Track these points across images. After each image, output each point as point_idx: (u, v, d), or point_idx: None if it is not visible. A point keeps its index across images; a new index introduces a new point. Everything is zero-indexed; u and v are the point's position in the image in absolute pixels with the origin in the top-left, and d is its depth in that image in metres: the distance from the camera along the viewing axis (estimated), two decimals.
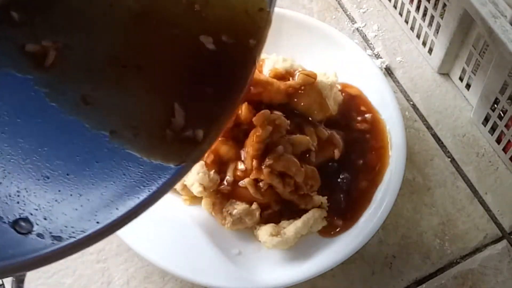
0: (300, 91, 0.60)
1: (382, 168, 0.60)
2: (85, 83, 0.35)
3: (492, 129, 0.65)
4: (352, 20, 0.76)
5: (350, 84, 0.65)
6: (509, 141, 0.63)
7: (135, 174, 0.35)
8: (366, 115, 0.63)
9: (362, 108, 0.64)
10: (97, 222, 0.34)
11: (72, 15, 0.36)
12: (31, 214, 0.33)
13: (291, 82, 0.60)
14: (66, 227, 0.33)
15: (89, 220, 0.34)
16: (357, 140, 0.62)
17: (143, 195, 0.35)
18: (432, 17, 0.67)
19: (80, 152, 0.35)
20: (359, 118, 0.63)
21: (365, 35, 0.75)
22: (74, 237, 0.32)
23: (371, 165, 0.60)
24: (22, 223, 0.32)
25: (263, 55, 0.64)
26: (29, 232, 0.32)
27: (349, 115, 0.63)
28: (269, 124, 0.56)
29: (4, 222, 0.32)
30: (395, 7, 0.74)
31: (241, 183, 0.58)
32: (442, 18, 0.65)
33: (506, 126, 0.62)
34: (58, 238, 0.32)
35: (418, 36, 0.72)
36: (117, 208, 0.34)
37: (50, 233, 0.32)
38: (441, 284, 0.60)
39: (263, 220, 0.58)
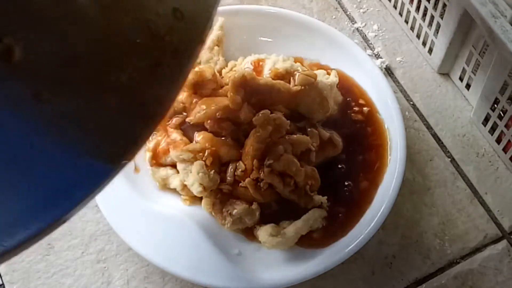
0: (300, 92, 0.60)
1: (381, 167, 0.60)
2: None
3: (492, 129, 0.65)
4: (352, 20, 0.76)
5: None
6: (509, 141, 0.63)
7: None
8: (364, 108, 0.63)
9: (361, 101, 0.64)
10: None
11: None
12: None
13: (291, 86, 0.60)
14: None
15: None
16: (356, 133, 0.62)
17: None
18: (432, 17, 0.67)
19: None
20: (355, 109, 0.63)
21: (365, 35, 0.75)
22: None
23: (370, 162, 0.61)
24: None
25: (262, 55, 0.64)
26: None
27: (346, 104, 0.64)
28: (269, 124, 0.56)
29: None
30: (395, 7, 0.74)
31: (241, 183, 0.58)
32: (442, 18, 0.65)
33: (506, 126, 0.62)
34: None
35: (418, 36, 0.72)
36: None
37: None
38: (441, 284, 0.60)
39: (263, 220, 0.58)
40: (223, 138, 0.59)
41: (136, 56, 0.32)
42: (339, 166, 0.61)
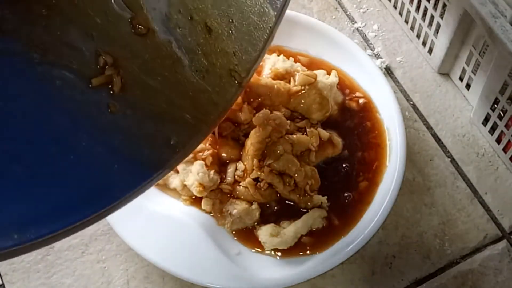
0: (300, 92, 0.60)
1: (380, 167, 0.60)
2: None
3: (492, 129, 0.65)
4: (352, 20, 0.76)
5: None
6: (509, 141, 0.63)
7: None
8: (360, 100, 0.64)
9: (358, 94, 0.65)
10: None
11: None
12: None
13: (291, 86, 0.60)
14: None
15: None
16: (355, 128, 0.62)
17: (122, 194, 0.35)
18: (432, 17, 0.67)
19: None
20: (353, 94, 0.64)
21: (365, 35, 0.75)
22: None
23: (369, 160, 0.61)
24: None
25: None
26: None
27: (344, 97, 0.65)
28: (269, 124, 0.56)
29: None
30: (395, 7, 0.74)
31: (241, 183, 0.58)
32: (442, 18, 0.65)
33: (506, 126, 0.62)
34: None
35: (418, 36, 0.72)
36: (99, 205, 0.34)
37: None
38: (441, 284, 0.60)
39: (263, 220, 0.58)
40: (223, 138, 0.59)
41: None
42: (343, 165, 0.61)
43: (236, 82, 0.38)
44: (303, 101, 0.60)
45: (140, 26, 0.36)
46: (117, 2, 0.35)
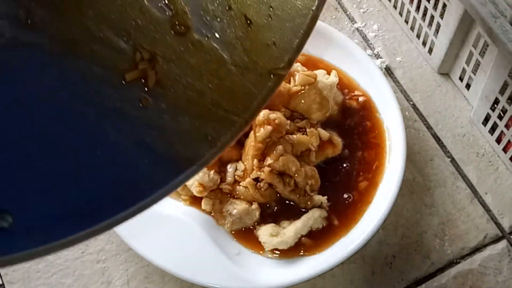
0: (300, 92, 0.60)
1: (379, 167, 0.60)
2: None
3: (492, 129, 0.65)
4: (352, 20, 0.76)
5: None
6: (509, 141, 0.63)
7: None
8: (360, 98, 0.64)
9: (357, 92, 0.65)
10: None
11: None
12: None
13: (291, 86, 0.60)
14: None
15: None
16: (355, 127, 0.62)
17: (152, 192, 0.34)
18: (432, 17, 0.67)
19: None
20: (352, 93, 0.64)
21: (365, 35, 0.75)
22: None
23: (369, 160, 0.61)
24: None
25: None
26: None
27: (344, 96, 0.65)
28: (269, 124, 0.56)
29: None
30: (395, 7, 0.74)
31: (241, 183, 0.58)
32: (442, 18, 0.65)
33: (506, 126, 0.62)
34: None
35: (418, 36, 0.72)
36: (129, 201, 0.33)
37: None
38: (441, 284, 0.60)
39: (263, 220, 0.58)
40: None
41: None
42: (344, 165, 0.61)
43: (275, 76, 0.37)
44: (303, 101, 0.60)
45: (179, 25, 0.35)
46: None
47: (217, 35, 0.35)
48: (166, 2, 0.35)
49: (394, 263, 0.61)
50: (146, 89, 0.34)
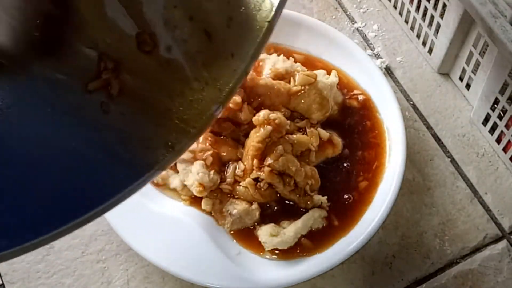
0: (300, 92, 0.60)
1: (379, 167, 0.60)
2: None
3: (492, 129, 0.65)
4: (352, 20, 0.76)
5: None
6: (509, 141, 0.63)
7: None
8: (360, 97, 0.64)
9: (356, 91, 0.65)
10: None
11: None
12: None
13: (291, 86, 0.60)
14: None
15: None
16: (355, 126, 0.62)
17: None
18: (432, 17, 0.67)
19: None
20: (352, 93, 0.64)
21: (365, 35, 0.75)
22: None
23: (369, 159, 0.61)
24: None
25: (262, 55, 0.64)
26: None
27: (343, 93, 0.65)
28: (269, 124, 0.56)
29: None
30: (395, 7, 0.74)
31: (241, 183, 0.58)
32: (442, 18, 0.65)
33: (506, 126, 0.62)
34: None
35: (418, 36, 0.72)
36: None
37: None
38: (441, 284, 0.60)
39: (263, 220, 0.58)
40: (223, 138, 0.59)
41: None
42: (344, 164, 0.61)
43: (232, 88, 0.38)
44: (303, 101, 0.60)
45: (144, 42, 0.36)
46: (112, 5, 0.35)
47: (179, 49, 0.36)
48: (129, 15, 0.36)
49: (394, 263, 0.61)
50: (109, 96, 0.35)
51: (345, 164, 0.61)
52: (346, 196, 0.59)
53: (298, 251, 0.57)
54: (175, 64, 0.36)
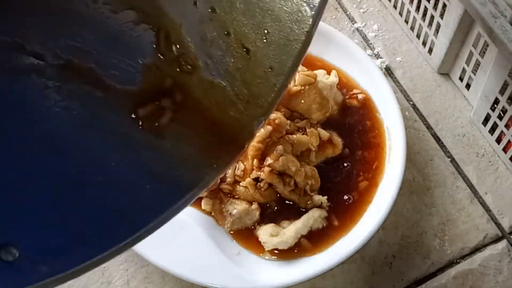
0: (300, 92, 0.60)
1: (379, 167, 0.60)
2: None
3: (492, 129, 0.65)
4: (352, 20, 0.76)
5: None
6: (509, 141, 0.63)
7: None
8: (360, 96, 0.64)
9: (355, 91, 0.65)
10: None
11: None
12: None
13: (291, 86, 0.60)
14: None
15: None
16: (355, 126, 0.62)
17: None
18: (432, 17, 0.67)
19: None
20: (352, 93, 0.64)
21: (365, 35, 0.75)
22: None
23: (369, 159, 0.61)
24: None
25: None
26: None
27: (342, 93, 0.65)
28: (269, 124, 0.56)
29: None
30: (395, 7, 0.74)
31: (241, 183, 0.58)
32: (442, 18, 0.65)
33: (506, 126, 0.62)
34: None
35: (418, 36, 0.72)
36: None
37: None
38: (441, 284, 0.60)
39: (263, 220, 0.58)
40: None
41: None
42: (344, 164, 0.61)
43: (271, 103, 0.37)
44: (303, 101, 0.60)
45: (185, 64, 0.35)
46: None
47: (219, 67, 0.35)
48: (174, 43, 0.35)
49: (394, 263, 0.61)
50: (157, 120, 0.34)
51: (345, 164, 0.61)
52: (346, 197, 0.59)
53: (297, 251, 0.57)
54: (216, 84, 0.35)
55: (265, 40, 0.36)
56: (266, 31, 0.36)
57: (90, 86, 0.33)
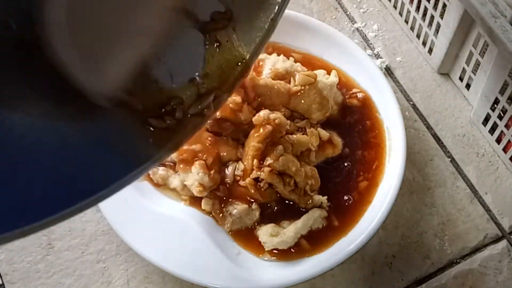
0: (300, 92, 0.60)
1: (379, 167, 0.60)
2: None
3: (492, 129, 0.65)
4: (352, 20, 0.76)
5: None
6: (509, 141, 0.63)
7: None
8: (359, 95, 0.64)
9: (355, 90, 0.65)
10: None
11: None
12: None
13: (291, 86, 0.60)
14: None
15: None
16: (355, 125, 0.62)
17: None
18: (432, 17, 0.67)
19: None
20: (352, 92, 0.64)
21: (365, 35, 0.75)
22: None
23: (369, 159, 0.61)
24: None
25: (262, 55, 0.64)
26: None
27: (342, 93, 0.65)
28: (269, 124, 0.56)
29: None
30: (395, 7, 0.74)
31: (241, 183, 0.58)
32: (442, 18, 0.65)
33: (506, 126, 0.62)
34: None
35: (418, 36, 0.72)
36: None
37: None
38: (441, 284, 0.60)
39: (263, 220, 0.58)
40: (223, 138, 0.59)
41: None
42: (344, 164, 0.61)
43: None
44: (303, 101, 0.60)
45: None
46: None
47: None
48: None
49: (394, 263, 0.61)
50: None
51: (345, 164, 0.61)
52: (346, 197, 0.59)
53: (297, 252, 0.57)
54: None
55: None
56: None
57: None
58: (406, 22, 0.73)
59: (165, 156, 0.37)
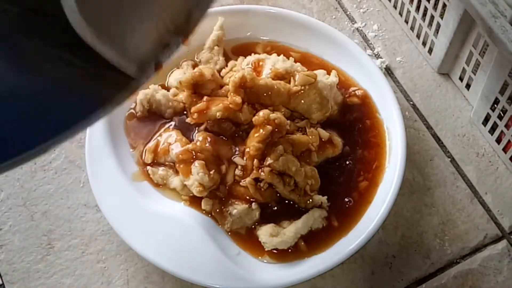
0: (300, 92, 0.60)
1: (379, 167, 0.60)
2: None
3: (492, 129, 0.65)
4: (352, 20, 0.76)
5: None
6: (509, 141, 0.63)
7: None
8: (358, 92, 0.64)
9: (354, 88, 0.65)
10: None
11: None
12: None
13: (291, 86, 0.60)
14: None
15: None
16: (355, 125, 0.62)
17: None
18: (432, 17, 0.67)
19: None
20: (351, 90, 0.64)
21: (365, 35, 0.75)
22: None
23: (369, 159, 0.61)
24: None
25: (262, 56, 0.65)
26: None
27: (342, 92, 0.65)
28: (269, 124, 0.56)
29: None
30: (395, 7, 0.74)
31: (241, 182, 0.58)
32: (442, 18, 0.65)
33: (506, 126, 0.62)
34: None
35: (418, 36, 0.72)
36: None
37: None
38: (441, 284, 0.60)
39: (263, 220, 0.58)
40: (223, 138, 0.59)
41: None
42: (345, 163, 0.61)
43: None
44: (303, 101, 0.60)
45: None
46: None
47: None
48: None
49: (394, 263, 0.61)
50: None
51: (345, 164, 0.61)
52: (346, 197, 0.59)
53: (296, 253, 0.57)
54: None
55: None
56: None
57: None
58: (406, 22, 0.73)
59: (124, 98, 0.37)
